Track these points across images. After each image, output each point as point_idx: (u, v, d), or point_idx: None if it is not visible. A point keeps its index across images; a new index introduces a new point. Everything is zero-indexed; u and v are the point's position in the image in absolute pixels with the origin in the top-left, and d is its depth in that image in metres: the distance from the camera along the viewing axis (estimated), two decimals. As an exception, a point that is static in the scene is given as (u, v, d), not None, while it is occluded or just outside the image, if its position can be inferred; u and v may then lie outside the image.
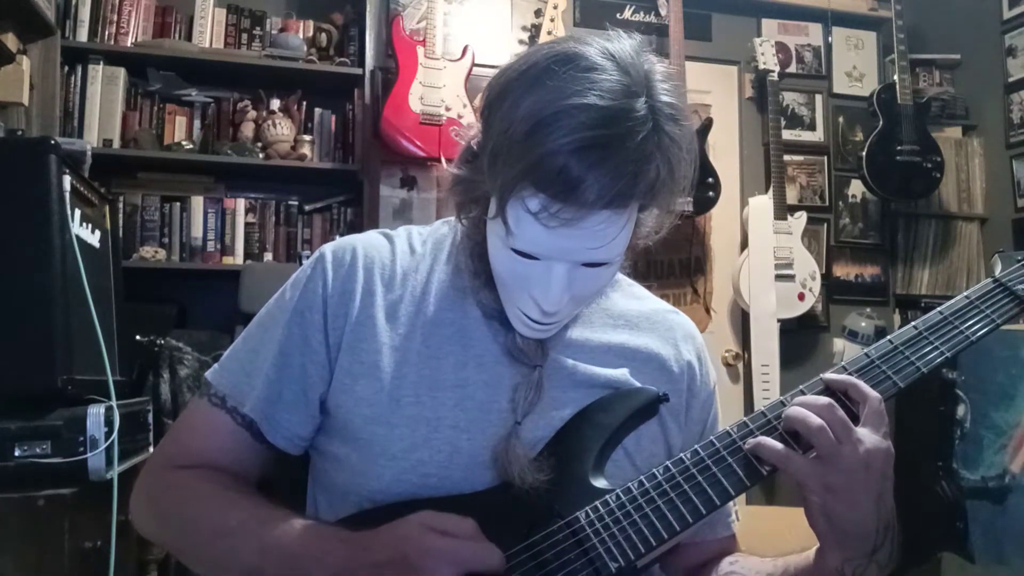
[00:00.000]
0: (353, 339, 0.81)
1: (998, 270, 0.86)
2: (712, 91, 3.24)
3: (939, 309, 0.82)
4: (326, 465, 0.84)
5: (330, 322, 0.82)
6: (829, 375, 0.77)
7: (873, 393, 0.74)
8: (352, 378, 0.80)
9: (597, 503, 0.72)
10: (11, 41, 2.21)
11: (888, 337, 0.80)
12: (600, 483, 0.75)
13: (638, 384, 0.84)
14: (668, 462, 0.75)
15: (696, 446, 0.76)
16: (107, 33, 2.62)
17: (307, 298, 0.83)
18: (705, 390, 0.92)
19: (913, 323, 0.81)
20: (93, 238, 1.69)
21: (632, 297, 0.94)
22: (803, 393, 0.77)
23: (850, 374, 0.77)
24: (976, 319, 0.82)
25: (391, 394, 0.78)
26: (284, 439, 0.82)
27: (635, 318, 0.91)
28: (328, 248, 0.87)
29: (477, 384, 0.80)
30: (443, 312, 0.83)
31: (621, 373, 0.85)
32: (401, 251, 0.87)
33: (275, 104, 2.76)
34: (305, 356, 0.81)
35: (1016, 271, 0.85)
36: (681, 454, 0.76)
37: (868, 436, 0.71)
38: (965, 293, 0.84)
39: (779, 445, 0.72)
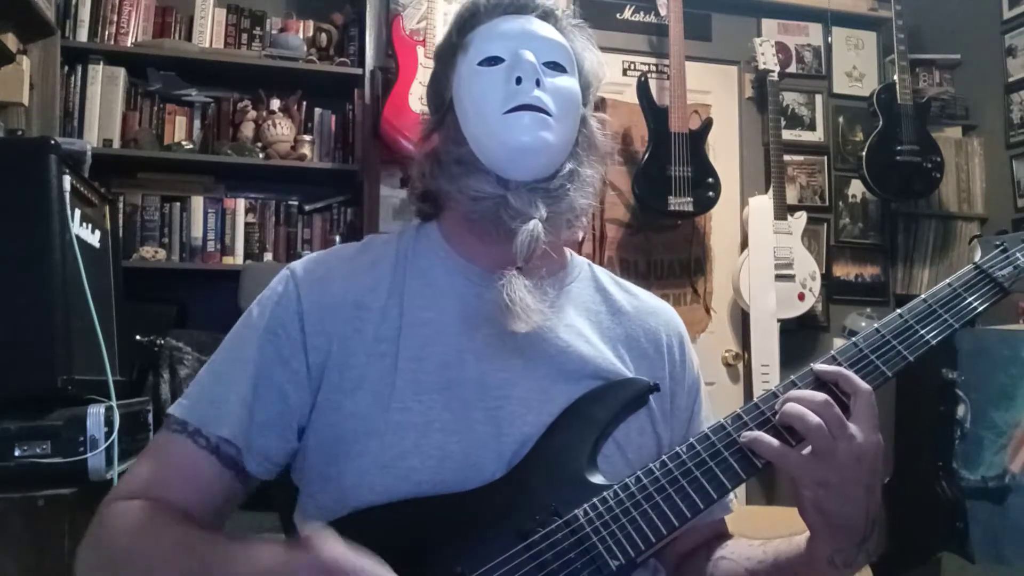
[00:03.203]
0: (339, 355, 0.80)
1: (977, 256, 0.88)
2: (712, 91, 3.24)
3: (923, 297, 0.84)
4: (313, 489, 0.81)
5: (310, 340, 0.80)
6: (820, 366, 0.78)
7: (864, 386, 0.75)
8: (341, 393, 0.79)
9: (595, 500, 0.73)
10: (11, 41, 2.21)
11: (875, 325, 0.82)
12: (597, 479, 0.75)
13: (627, 374, 0.85)
14: (664, 456, 0.76)
15: (692, 439, 0.76)
16: (107, 33, 2.62)
17: (280, 316, 0.82)
18: (690, 376, 0.94)
19: (899, 311, 0.83)
20: (93, 238, 1.69)
21: (617, 287, 0.96)
22: (795, 384, 0.77)
23: (840, 364, 0.78)
24: (959, 306, 0.83)
25: (380, 404, 0.78)
26: (256, 463, 0.79)
27: (619, 307, 0.92)
28: (297, 265, 0.87)
29: (462, 383, 0.79)
30: (419, 312, 0.83)
31: (608, 362, 0.85)
32: (371, 259, 0.88)
33: (275, 104, 2.76)
34: (284, 376, 0.80)
35: (995, 256, 0.87)
36: (677, 448, 0.76)
37: (860, 431, 0.72)
38: (947, 280, 0.85)
39: (775, 441, 0.73)
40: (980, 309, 0.83)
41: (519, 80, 0.83)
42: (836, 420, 0.71)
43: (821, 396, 0.73)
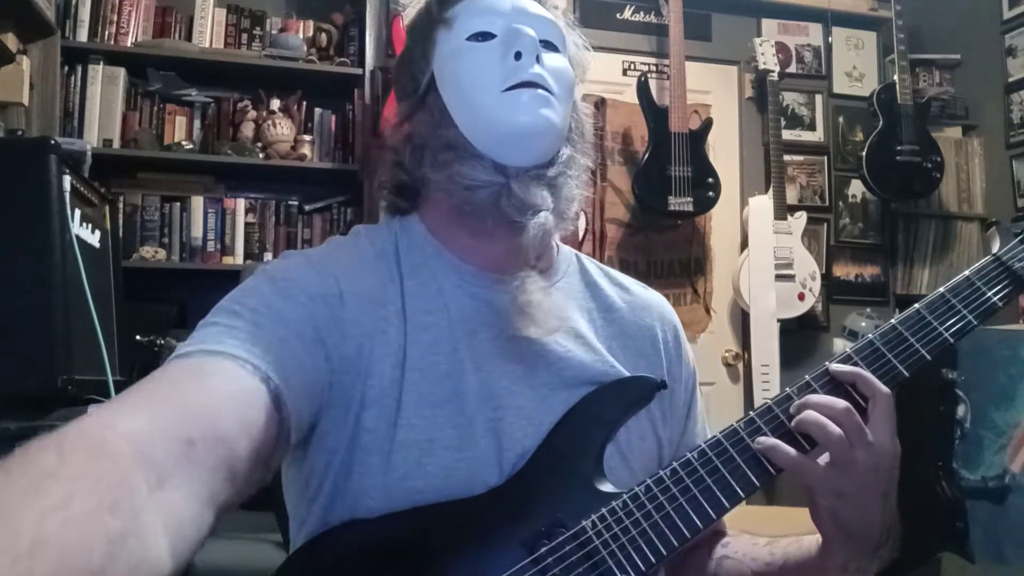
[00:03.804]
0: (368, 358, 0.72)
1: (995, 245, 0.83)
2: (712, 91, 3.24)
3: (941, 291, 0.79)
4: (313, 486, 0.74)
5: (348, 327, 0.72)
6: (836, 366, 0.74)
7: (884, 389, 0.72)
8: (360, 405, 0.71)
9: (604, 511, 0.69)
10: (11, 41, 2.21)
11: (892, 321, 0.78)
12: (605, 487, 0.72)
13: (627, 373, 0.81)
14: (676, 463, 0.72)
15: (703, 444, 0.73)
16: (107, 33, 2.62)
17: (317, 286, 0.72)
18: (686, 371, 0.90)
19: (916, 306, 0.78)
20: (93, 238, 1.69)
21: (608, 280, 0.91)
22: (810, 385, 0.74)
23: (856, 363, 0.75)
24: (978, 300, 0.79)
25: (388, 420, 0.71)
26: (296, 415, 0.65)
27: (611, 303, 0.88)
28: (307, 251, 0.81)
29: (463, 394, 0.74)
30: (420, 316, 0.76)
31: (608, 365, 0.81)
32: (377, 251, 0.81)
33: (275, 104, 2.76)
34: (317, 347, 0.70)
35: (1014, 247, 0.82)
36: (688, 454, 0.72)
37: (878, 438, 0.69)
38: (966, 273, 0.81)
39: (792, 451, 0.70)
40: (999, 304, 0.79)
41: (518, 55, 0.76)
42: (856, 429, 0.69)
43: (842, 404, 0.70)
